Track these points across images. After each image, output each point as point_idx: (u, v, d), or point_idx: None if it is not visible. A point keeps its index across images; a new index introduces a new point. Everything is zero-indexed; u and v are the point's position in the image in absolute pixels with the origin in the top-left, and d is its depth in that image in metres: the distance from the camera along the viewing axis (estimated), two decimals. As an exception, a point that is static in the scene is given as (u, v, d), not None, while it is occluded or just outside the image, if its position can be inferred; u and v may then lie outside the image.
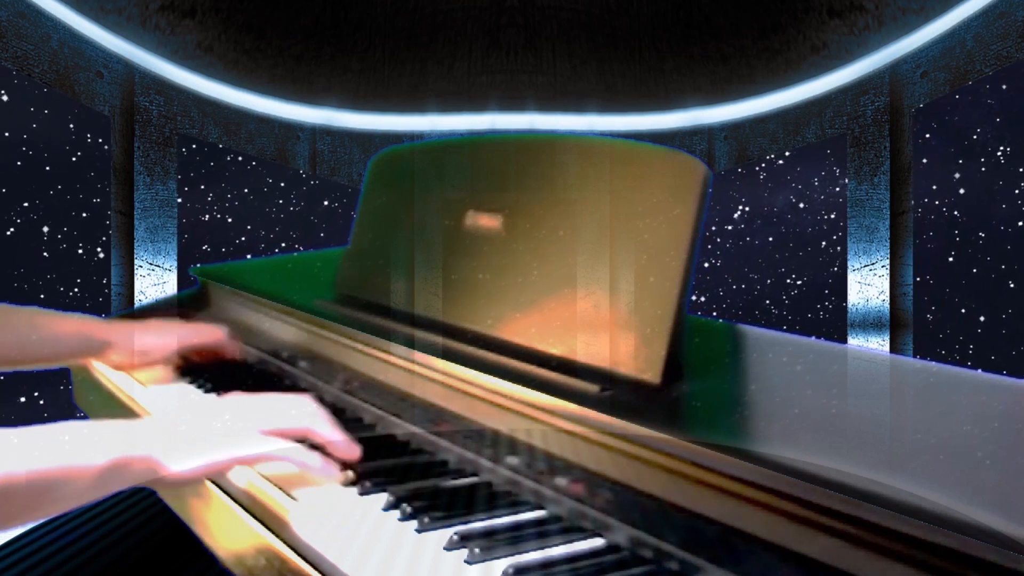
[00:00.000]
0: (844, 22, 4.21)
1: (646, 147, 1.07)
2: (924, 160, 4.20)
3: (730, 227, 4.74)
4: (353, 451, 0.97)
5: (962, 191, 4.09)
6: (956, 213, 4.10)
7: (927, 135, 4.20)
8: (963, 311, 4.10)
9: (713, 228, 4.71)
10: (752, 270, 4.71)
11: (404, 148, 1.58)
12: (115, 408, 1.38)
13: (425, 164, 1.42)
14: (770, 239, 4.70)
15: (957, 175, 4.09)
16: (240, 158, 4.62)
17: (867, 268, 4.23)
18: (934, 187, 4.15)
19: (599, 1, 4.50)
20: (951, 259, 4.12)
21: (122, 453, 0.83)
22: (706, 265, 4.69)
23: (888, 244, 4.20)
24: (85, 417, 1.51)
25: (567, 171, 1.13)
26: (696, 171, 1.00)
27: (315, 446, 0.96)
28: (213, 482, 1.01)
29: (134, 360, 1.39)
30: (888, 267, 4.19)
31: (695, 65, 4.56)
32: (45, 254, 3.93)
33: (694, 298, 4.57)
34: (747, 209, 4.72)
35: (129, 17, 3.98)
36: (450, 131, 4.68)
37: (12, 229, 3.81)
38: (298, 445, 0.93)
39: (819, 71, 4.42)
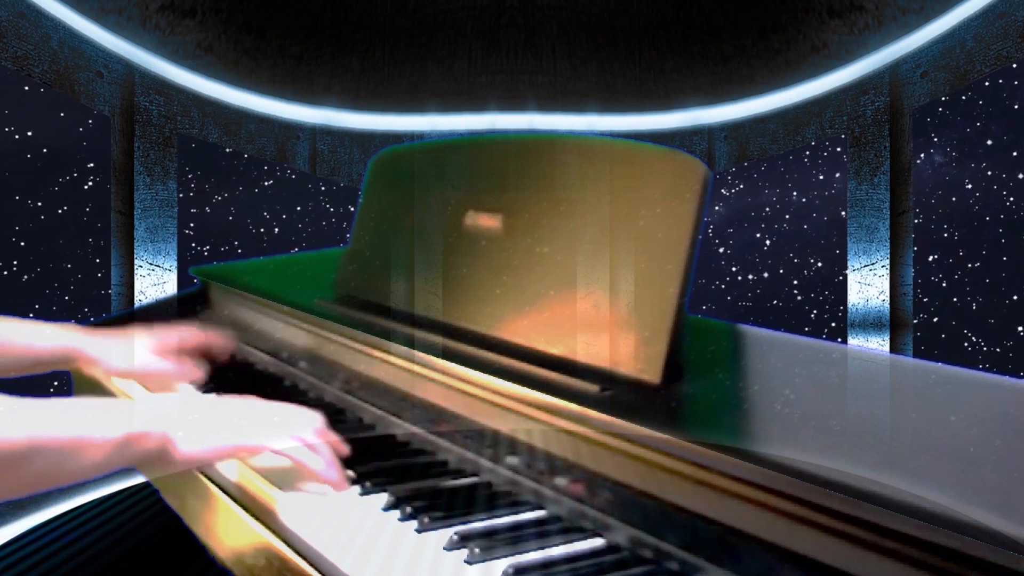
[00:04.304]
0: (844, 22, 4.20)
1: (646, 147, 1.07)
2: (924, 160, 4.20)
3: (730, 227, 4.74)
4: (336, 480, 0.94)
5: (962, 191, 4.09)
6: (956, 213, 4.10)
7: (927, 135, 4.19)
8: (963, 311, 4.10)
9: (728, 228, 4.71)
10: (752, 269, 4.71)
11: (404, 148, 1.58)
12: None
13: (425, 164, 1.42)
14: (770, 239, 4.70)
15: (958, 175, 4.09)
16: (240, 158, 4.62)
17: (867, 268, 4.23)
18: (934, 187, 4.15)
19: (599, 1, 4.50)
20: (951, 259, 4.11)
21: (138, 428, 0.85)
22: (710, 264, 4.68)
23: (888, 244, 4.19)
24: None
25: (567, 171, 1.13)
26: (696, 171, 1.00)
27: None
28: (214, 482, 1.01)
29: (118, 375, 1.32)
30: (888, 267, 4.19)
31: (695, 65, 4.55)
32: (45, 254, 3.92)
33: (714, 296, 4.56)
34: (746, 209, 4.72)
35: (129, 17, 3.98)
36: (450, 131, 4.68)
37: (12, 229, 3.81)
38: (301, 445, 0.93)
39: (819, 71, 4.41)
